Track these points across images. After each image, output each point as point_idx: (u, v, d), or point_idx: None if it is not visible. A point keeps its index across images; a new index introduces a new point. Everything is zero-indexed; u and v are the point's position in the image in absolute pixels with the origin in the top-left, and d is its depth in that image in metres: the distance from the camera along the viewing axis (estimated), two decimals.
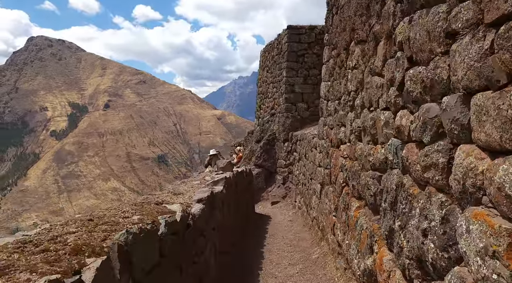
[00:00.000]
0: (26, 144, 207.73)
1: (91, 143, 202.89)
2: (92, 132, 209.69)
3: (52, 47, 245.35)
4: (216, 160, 15.29)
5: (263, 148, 14.32)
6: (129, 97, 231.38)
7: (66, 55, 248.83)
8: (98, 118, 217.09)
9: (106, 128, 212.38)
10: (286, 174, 13.76)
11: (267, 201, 13.66)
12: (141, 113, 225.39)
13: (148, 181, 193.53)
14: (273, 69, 15.84)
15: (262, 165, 14.29)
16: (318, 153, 8.34)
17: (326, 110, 7.59)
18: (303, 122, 13.86)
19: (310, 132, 11.28)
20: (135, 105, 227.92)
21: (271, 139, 14.48)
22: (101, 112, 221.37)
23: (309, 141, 10.18)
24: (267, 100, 16.92)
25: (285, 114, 13.90)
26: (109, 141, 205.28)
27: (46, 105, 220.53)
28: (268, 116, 15.45)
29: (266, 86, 17.13)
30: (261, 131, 15.24)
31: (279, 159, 14.18)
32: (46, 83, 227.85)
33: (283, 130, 13.91)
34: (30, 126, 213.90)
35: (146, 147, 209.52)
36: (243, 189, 9.69)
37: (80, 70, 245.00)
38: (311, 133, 10.74)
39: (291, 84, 13.85)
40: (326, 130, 7.58)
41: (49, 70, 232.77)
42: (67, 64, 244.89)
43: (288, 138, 13.83)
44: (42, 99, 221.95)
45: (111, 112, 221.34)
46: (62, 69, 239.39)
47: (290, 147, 13.64)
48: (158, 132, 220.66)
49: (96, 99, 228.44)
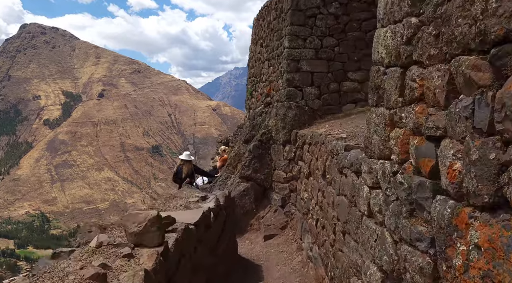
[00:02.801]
0: (18, 133, 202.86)
1: (85, 132, 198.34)
2: (85, 121, 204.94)
3: (46, 35, 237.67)
4: (188, 167, 10.62)
5: (254, 152, 9.56)
6: (124, 87, 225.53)
7: (59, 43, 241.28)
8: (92, 107, 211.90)
9: (100, 118, 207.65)
10: (287, 193, 9.05)
11: (258, 234, 8.97)
12: (135, 102, 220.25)
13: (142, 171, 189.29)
14: (269, 40, 11.04)
15: (251, 178, 9.54)
16: (368, 190, 3.64)
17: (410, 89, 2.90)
18: (312, 116, 9.11)
19: (329, 133, 6.56)
20: (130, 95, 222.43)
21: (265, 139, 9.71)
22: (95, 102, 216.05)
23: (332, 151, 5.45)
24: (260, 85, 12.12)
25: (286, 103, 9.12)
26: (103, 131, 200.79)
27: (39, 94, 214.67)
28: (262, 106, 10.65)
29: (259, 65, 12.32)
30: (251, 128, 10.47)
31: (276, 170, 9.44)
32: (39, 71, 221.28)
33: (283, 127, 9.14)
34: (23, 115, 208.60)
35: (141, 137, 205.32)
36: (212, 239, 5.00)
37: (74, 59, 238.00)
38: (335, 136, 6.02)
39: (296, 58, 9.08)
40: (402, 136, 2.92)
41: (42, 58, 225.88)
42: (61, 52, 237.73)
43: (290, 140, 9.07)
44: (35, 87, 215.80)
45: (105, 101, 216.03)
46: (55, 57, 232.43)
47: (294, 153, 8.89)
48: (152, 122, 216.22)
49: (90, 88, 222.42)
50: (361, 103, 9.28)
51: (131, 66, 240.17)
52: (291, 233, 8.62)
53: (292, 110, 9.08)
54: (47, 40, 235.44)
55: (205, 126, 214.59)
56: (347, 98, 9.33)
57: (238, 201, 9.29)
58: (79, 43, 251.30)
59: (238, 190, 9.37)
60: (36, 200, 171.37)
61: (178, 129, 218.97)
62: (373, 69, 3.81)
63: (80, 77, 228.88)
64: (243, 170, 9.49)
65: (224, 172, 10.78)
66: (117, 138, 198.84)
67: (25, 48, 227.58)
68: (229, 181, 10.17)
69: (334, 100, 9.27)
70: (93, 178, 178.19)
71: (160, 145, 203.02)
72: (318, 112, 9.22)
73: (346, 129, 6.98)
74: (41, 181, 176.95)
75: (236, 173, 9.98)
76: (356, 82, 9.32)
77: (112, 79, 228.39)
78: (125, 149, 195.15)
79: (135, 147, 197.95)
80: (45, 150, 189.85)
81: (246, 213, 9.39)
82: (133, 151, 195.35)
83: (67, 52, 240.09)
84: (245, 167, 9.50)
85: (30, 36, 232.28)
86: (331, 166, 5.57)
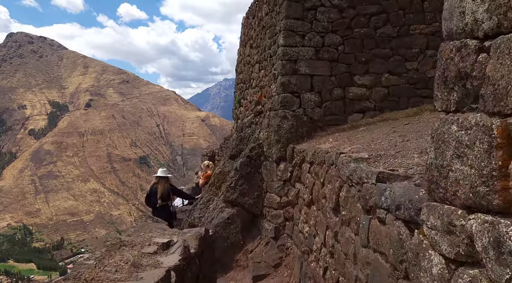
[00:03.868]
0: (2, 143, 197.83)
1: (71, 143, 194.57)
2: (72, 131, 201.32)
3: (33, 44, 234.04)
4: (164, 186, 8.89)
5: (241, 171, 7.82)
6: (112, 97, 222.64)
7: (47, 52, 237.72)
8: (78, 117, 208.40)
9: (87, 128, 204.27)
10: (281, 222, 7.33)
11: (246, 273, 7.18)
12: (123, 113, 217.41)
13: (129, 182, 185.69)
14: (260, 39, 9.42)
15: (237, 202, 7.78)
16: (444, 264, 1.92)
17: None
18: (312, 128, 7.45)
19: (341, 151, 4.88)
20: (118, 105, 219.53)
21: (254, 155, 8.00)
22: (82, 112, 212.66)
23: (351, 179, 3.75)
24: (249, 92, 10.45)
25: (281, 112, 7.45)
26: (89, 141, 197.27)
27: (25, 103, 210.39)
28: (251, 116, 8.97)
29: (248, 69, 10.68)
30: (239, 141, 8.76)
31: (268, 192, 7.71)
32: (25, 81, 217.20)
33: (277, 141, 7.45)
34: (8, 125, 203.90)
35: (128, 147, 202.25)
36: None
37: (61, 68, 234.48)
38: (351, 155, 4.34)
39: (292, 58, 7.46)
40: None
41: (29, 68, 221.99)
42: (48, 62, 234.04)
43: (285, 156, 7.37)
44: (21, 96, 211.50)
45: (93, 111, 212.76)
46: (42, 67, 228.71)
47: (290, 173, 7.18)
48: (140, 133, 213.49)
49: (77, 98, 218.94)
50: (369, 113, 7.68)
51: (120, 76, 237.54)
52: (286, 273, 6.86)
53: (287, 121, 7.40)
54: (34, 49, 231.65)
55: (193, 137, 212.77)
56: (354, 107, 7.71)
57: (221, 231, 7.52)
58: (67, 52, 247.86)
59: (221, 218, 7.61)
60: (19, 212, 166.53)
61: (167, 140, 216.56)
62: (446, 47, 2.14)
63: (67, 87, 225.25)
64: (228, 193, 7.73)
65: (206, 193, 9.02)
66: (104, 149, 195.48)
67: (12, 57, 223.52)
68: (212, 204, 8.41)
69: (338, 109, 7.65)
70: (78, 190, 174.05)
71: (148, 156, 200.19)
72: (319, 123, 7.56)
73: (358, 144, 5.35)
74: (24, 193, 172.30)
75: (220, 195, 8.22)
76: (364, 88, 7.72)
77: (100, 89, 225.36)
78: (112, 160, 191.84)
79: (122, 157, 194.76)
80: (29, 160, 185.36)
81: (231, 245, 7.61)
82: (120, 162, 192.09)
83: (54, 62, 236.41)
84: (231, 189, 7.75)
85: (17, 45, 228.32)
86: (349, 199, 3.88)
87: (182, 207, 10.74)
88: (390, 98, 7.78)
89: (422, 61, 7.83)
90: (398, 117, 7.22)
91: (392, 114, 7.45)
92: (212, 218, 7.80)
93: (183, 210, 10.45)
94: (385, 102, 7.74)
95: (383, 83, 7.74)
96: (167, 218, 9.40)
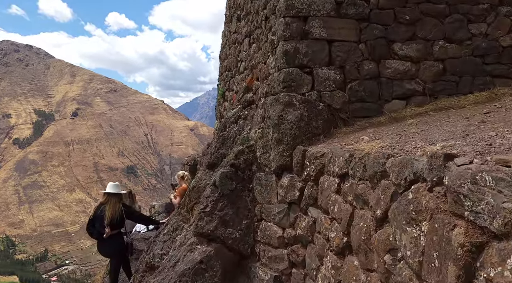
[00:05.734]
0: None
1: (57, 152, 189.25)
2: (58, 141, 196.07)
3: (19, 53, 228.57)
4: (115, 208, 6.06)
5: (222, 187, 4.97)
6: (99, 106, 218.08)
7: (33, 61, 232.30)
8: (65, 126, 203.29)
9: (73, 137, 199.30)
10: (285, 268, 4.52)
11: None
12: (111, 122, 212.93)
13: None
14: (250, 2, 6.67)
15: (215, 236, 4.88)
16: None
17: None
18: (331, 121, 4.66)
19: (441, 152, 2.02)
20: (105, 114, 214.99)
21: (242, 163, 5.16)
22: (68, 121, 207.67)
23: None
24: (237, 79, 7.67)
25: (284, 96, 4.63)
26: (75, 151, 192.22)
27: (10, 112, 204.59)
28: (238, 107, 6.16)
29: (235, 49, 7.90)
30: (221, 143, 5.94)
31: (264, 220, 4.87)
32: (10, 89, 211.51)
33: (278, 141, 4.62)
34: None
35: (115, 157, 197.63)
36: None
37: (48, 77, 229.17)
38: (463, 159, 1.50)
39: (302, 14, 4.72)
40: None
41: (14, 76, 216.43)
42: (35, 70, 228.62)
43: (291, 164, 4.53)
44: (5, 105, 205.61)
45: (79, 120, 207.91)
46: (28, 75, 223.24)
47: (299, 191, 4.35)
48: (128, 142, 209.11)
49: (63, 107, 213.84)
50: (416, 100, 4.95)
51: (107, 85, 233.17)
52: None
53: (294, 109, 4.60)
54: (20, 58, 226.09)
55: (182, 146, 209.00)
56: (393, 90, 4.96)
57: None
58: (54, 61, 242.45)
59: (191, 261, 4.73)
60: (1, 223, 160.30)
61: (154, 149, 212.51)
62: None
63: (53, 96, 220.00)
64: (202, 222, 4.88)
65: (174, 218, 6.14)
66: (90, 158, 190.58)
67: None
68: (180, 235, 5.55)
69: (370, 92, 4.89)
70: (63, 200, 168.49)
71: (135, 166, 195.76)
72: (341, 114, 4.78)
73: (439, 142, 2.61)
74: (8, 203, 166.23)
75: (192, 223, 5.35)
76: (409, 61, 4.98)
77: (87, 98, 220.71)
78: (99, 170, 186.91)
79: (109, 167, 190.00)
80: (13, 170, 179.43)
81: None
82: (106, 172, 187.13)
83: (41, 70, 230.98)
84: (206, 215, 4.90)
85: (2, 53, 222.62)
86: None
87: (145, 233, 7.82)
88: (447, 77, 5.07)
89: (493, 22, 5.17)
90: (463, 104, 4.51)
91: (451, 101, 4.74)
92: (177, 260, 4.94)
93: (147, 237, 7.55)
94: (439, 83, 5.03)
95: (436, 54, 5.03)
96: (117, 253, 6.47)
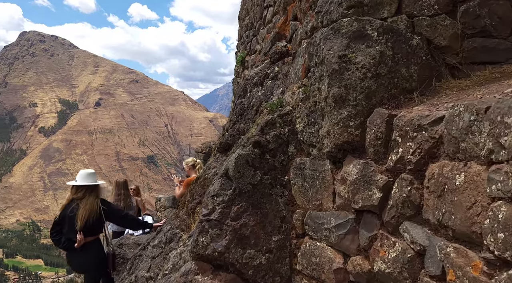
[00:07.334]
0: (13, 140, 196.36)
1: (80, 141, 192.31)
2: (81, 130, 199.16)
3: (45, 43, 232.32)
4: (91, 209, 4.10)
5: (237, 181, 2.98)
6: (121, 96, 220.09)
7: (58, 51, 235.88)
8: (88, 116, 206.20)
9: (96, 126, 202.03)
10: None
11: None
12: (132, 112, 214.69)
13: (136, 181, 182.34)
14: None
15: (226, 263, 2.87)
16: None
17: None
18: (433, 68, 2.60)
19: None
20: (127, 104, 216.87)
21: (272, 143, 3.13)
22: (91, 110, 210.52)
23: None
24: (262, 33, 5.58)
25: (349, 23, 2.54)
26: (98, 140, 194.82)
27: (36, 101, 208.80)
28: (266, 63, 4.16)
29: None
30: (239, 115, 3.97)
31: (308, 237, 2.88)
32: (36, 79, 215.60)
33: (338, 102, 2.48)
34: (18, 122, 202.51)
35: (136, 147, 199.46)
36: None
37: (72, 67, 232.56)
38: None
39: None
40: None
41: (40, 66, 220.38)
42: (59, 61, 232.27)
43: (362, 144, 2.46)
44: (32, 94, 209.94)
45: (102, 110, 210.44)
46: (53, 65, 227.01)
47: (379, 191, 2.33)
48: (148, 132, 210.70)
49: (87, 97, 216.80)
50: None
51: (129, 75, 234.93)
52: None
53: (368, 44, 2.52)
54: (46, 48, 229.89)
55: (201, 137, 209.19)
56: None
57: None
58: (78, 51, 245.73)
59: None
60: (28, 208, 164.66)
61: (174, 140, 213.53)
62: None
63: (77, 86, 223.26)
64: (204, 237, 2.92)
65: (169, 223, 4.21)
66: (112, 147, 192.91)
67: (24, 55, 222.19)
68: (174, 251, 3.61)
69: (500, 19, 2.76)
70: None
71: (156, 155, 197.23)
72: (449, 56, 2.67)
73: None
74: (34, 189, 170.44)
75: (191, 234, 3.38)
76: None
77: (110, 88, 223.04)
78: (120, 159, 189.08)
79: (130, 156, 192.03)
80: (39, 157, 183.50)
81: None
82: (128, 161, 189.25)
83: (65, 61, 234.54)
84: (212, 226, 2.93)
85: (29, 43, 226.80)
86: None
87: (138, 238, 5.93)
88: None
89: None
90: None
91: None
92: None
93: (139, 242, 5.65)
94: None
95: None
96: (94, 267, 4.56)
